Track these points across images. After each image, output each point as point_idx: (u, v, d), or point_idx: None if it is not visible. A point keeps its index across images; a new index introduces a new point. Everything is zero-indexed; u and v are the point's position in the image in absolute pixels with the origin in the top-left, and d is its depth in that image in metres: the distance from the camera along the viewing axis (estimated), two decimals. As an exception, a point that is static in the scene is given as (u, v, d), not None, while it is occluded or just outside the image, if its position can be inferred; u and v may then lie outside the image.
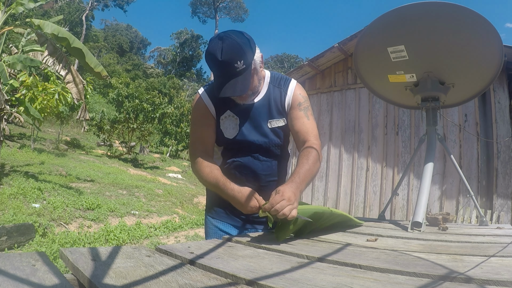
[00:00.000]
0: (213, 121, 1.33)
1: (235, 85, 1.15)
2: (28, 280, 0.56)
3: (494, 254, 0.88)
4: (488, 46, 1.65)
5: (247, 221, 1.41)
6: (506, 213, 4.36)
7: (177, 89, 32.65)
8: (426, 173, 1.69)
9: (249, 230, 1.40)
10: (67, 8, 32.95)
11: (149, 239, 5.06)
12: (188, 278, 0.63)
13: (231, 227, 1.41)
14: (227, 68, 1.12)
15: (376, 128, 5.62)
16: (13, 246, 3.87)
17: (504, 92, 4.60)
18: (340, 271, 0.71)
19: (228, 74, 1.14)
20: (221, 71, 1.14)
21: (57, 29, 5.59)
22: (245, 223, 1.41)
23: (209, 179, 1.23)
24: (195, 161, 1.29)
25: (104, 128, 14.24)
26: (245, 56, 1.14)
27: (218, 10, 42.74)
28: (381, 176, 5.45)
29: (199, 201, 9.04)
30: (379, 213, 2.30)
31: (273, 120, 1.33)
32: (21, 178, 6.24)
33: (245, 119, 1.32)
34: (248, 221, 1.41)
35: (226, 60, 1.11)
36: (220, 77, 1.16)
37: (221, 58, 1.11)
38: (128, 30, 50.44)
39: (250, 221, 1.41)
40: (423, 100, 1.85)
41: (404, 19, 1.69)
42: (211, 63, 1.14)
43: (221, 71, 1.14)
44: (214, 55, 1.11)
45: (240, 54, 1.12)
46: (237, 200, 1.14)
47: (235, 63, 1.12)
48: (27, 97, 7.15)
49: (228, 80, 1.14)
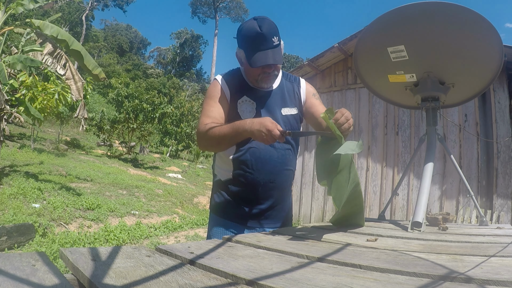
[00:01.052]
0: (226, 104, 1.40)
1: (274, 55, 1.29)
2: (28, 280, 0.56)
3: (494, 254, 0.88)
4: (488, 46, 1.65)
5: (254, 220, 1.42)
6: (506, 213, 4.36)
7: (177, 89, 32.64)
8: (426, 173, 1.68)
9: (256, 230, 1.40)
10: (67, 8, 32.93)
11: (149, 239, 5.06)
12: (188, 278, 0.63)
13: (238, 226, 1.41)
14: (267, 40, 1.27)
15: (376, 128, 5.62)
16: (13, 246, 3.87)
17: (504, 92, 4.60)
18: (340, 271, 0.71)
19: (266, 46, 1.28)
20: (262, 42, 1.27)
21: (56, 30, 5.60)
22: (252, 222, 1.42)
23: (221, 129, 1.25)
24: (201, 128, 1.31)
25: (104, 128, 14.23)
26: (278, 34, 1.31)
27: (218, 10, 42.72)
28: (381, 176, 5.45)
29: (199, 201, 9.03)
30: (379, 213, 2.30)
31: (286, 108, 1.45)
32: (21, 178, 6.24)
33: (262, 105, 1.41)
34: (256, 220, 1.42)
35: (265, 32, 1.26)
36: (258, 49, 1.29)
37: (261, 30, 1.26)
38: (128, 30, 50.42)
39: (257, 220, 1.43)
40: (423, 100, 1.85)
41: (404, 19, 1.69)
42: (252, 36, 1.28)
43: (262, 42, 1.27)
44: (255, 29, 1.27)
45: (275, 30, 1.30)
46: (260, 124, 1.15)
47: (272, 37, 1.28)
48: (27, 97, 7.15)
49: (266, 50, 1.28)
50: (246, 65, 1.40)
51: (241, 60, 1.42)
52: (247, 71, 1.42)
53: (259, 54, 1.29)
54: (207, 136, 1.28)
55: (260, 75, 1.38)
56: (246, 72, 1.44)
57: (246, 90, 1.42)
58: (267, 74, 1.37)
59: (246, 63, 1.37)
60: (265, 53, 1.29)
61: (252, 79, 1.42)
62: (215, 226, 1.45)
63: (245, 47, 1.34)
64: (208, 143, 1.30)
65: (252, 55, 1.30)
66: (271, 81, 1.41)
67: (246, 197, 1.41)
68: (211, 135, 1.27)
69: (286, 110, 1.45)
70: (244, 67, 1.44)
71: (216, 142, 1.27)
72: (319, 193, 6.07)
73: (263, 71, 1.36)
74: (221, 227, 1.42)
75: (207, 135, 1.28)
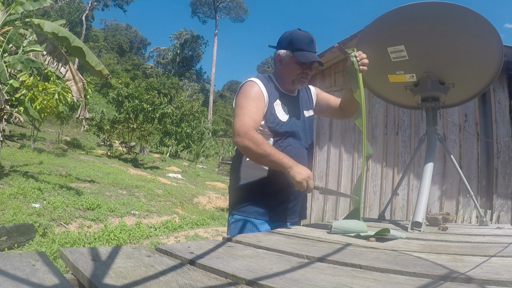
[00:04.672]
0: (264, 106, 1.51)
1: (318, 58, 1.54)
2: (28, 280, 0.56)
3: (494, 254, 0.88)
4: (488, 46, 1.65)
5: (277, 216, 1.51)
6: (506, 213, 4.36)
7: (176, 89, 32.64)
8: (426, 173, 1.68)
9: (281, 225, 1.51)
10: (67, 8, 32.93)
11: (149, 239, 5.06)
12: (188, 278, 0.63)
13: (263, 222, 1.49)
14: (314, 44, 1.54)
15: (376, 128, 5.61)
16: (13, 246, 3.87)
17: (504, 92, 4.59)
18: (340, 271, 0.71)
19: (313, 49, 1.54)
20: (310, 45, 1.53)
21: (57, 28, 5.58)
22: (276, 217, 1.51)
23: (272, 150, 1.38)
24: (247, 131, 1.39)
25: (104, 128, 14.23)
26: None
27: (218, 10, 42.67)
28: (381, 176, 5.45)
29: (199, 201, 9.03)
30: (379, 213, 2.30)
31: (306, 111, 1.68)
32: (21, 178, 6.24)
33: (291, 108, 1.60)
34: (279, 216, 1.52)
35: (314, 40, 1.55)
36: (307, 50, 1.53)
37: (313, 38, 1.54)
38: (128, 30, 50.43)
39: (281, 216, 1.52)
40: (423, 100, 1.85)
41: (404, 19, 1.69)
42: (303, 38, 1.52)
43: (310, 45, 1.53)
44: (305, 34, 1.53)
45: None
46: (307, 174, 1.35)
47: (315, 45, 1.55)
48: (27, 97, 7.15)
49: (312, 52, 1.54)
50: (287, 66, 1.56)
51: (284, 60, 1.56)
52: (288, 71, 1.57)
53: (307, 53, 1.51)
54: (259, 143, 1.37)
55: (299, 76, 1.55)
56: (285, 73, 1.58)
57: (278, 95, 1.57)
58: (305, 75, 1.56)
59: (290, 62, 1.54)
60: (311, 53, 1.53)
61: (289, 80, 1.58)
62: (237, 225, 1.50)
63: (294, 47, 1.52)
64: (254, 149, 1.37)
65: (300, 53, 1.51)
66: (304, 83, 1.60)
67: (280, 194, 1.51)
68: (262, 147, 1.37)
69: (306, 113, 1.68)
70: (284, 68, 1.58)
71: (259, 156, 1.38)
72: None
73: (303, 72, 1.55)
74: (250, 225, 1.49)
75: (259, 143, 1.37)
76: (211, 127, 26.01)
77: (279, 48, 1.57)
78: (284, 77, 1.59)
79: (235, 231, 1.50)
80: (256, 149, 1.36)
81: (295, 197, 1.55)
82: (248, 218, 1.49)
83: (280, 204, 1.52)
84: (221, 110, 41.57)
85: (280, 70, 1.60)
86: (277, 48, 1.58)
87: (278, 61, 1.58)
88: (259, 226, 1.48)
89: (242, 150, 1.42)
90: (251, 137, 1.37)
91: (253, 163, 1.49)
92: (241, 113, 1.44)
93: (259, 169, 1.49)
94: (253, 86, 1.51)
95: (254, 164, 1.49)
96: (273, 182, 1.48)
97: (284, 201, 1.53)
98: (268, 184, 1.49)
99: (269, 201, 1.49)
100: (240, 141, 1.39)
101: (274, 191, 1.50)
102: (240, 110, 1.46)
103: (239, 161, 1.57)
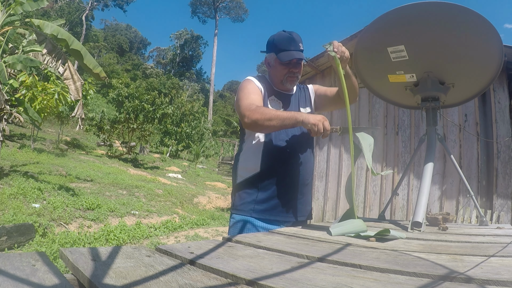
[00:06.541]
0: (261, 97, 1.56)
1: (300, 55, 1.56)
2: (28, 280, 0.56)
3: (494, 254, 0.88)
4: (488, 46, 1.65)
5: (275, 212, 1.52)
6: (506, 213, 4.36)
7: (177, 89, 32.64)
8: (426, 173, 1.68)
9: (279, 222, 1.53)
10: (67, 8, 32.93)
11: (149, 239, 5.06)
12: (188, 278, 0.63)
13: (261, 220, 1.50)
14: (298, 44, 1.55)
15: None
16: (13, 246, 3.87)
17: (504, 92, 4.59)
18: (340, 271, 0.71)
19: (295, 48, 1.55)
20: (291, 43, 1.54)
21: (56, 29, 5.59)
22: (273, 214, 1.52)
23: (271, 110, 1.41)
24: (250, 108, 1.44)
25: (104, 128, 14.24)
26: (302, 43, 1.58)
27: (218, 10, 42.67)
28: (381, 176, 5.45)
29: (199, 201, 9.04)
30: (379, 213, 2.30)
31: (303, 108, 1.71)
32: (21, 178, 6.24)
33: (286, 104, 1.65)
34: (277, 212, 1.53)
35: (295, 37, 1.55)
36: (292, 50, 1.55)
37: (291, 35, 1.55)
38: (128, 30, 50.41)
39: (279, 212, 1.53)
40: (423, 100, 1.85)
41: (404, 19, 1.69)
42: (284, 38, 1.55)
43: (291, 43, 1.54)
44: (286, 34, 1.56)
45: (301, 39, 1.58)
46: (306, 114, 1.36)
47: (299, 43, 1.56)
48: (27, 97, 7.14)
49: (294, 51, 1.55)
50: (274, 68, 1.61)
51: (271, 63, 1.62)
52: (275, 72, 1.62)
53: (288, 52, 1.54)
54: (261, 110, 1.40)
55: (286, 75, 1.59)
56: (273, 74, 1.64)
57: (273, 92, 1.63)
58: (292, 74, 1.59)
59: (275, 64, 1.59)
60: (291, 52, 1.54)
61: (278, 80, 1.62)
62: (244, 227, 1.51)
63: (277, 49, 1.56)
64: (262, 117, 1.39)
65: (282, 53, 1.55)
66: (294, 82, 1.63)
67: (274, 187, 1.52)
68: (266, 111, 1.40)
69: (303, 109, 1.71)
70: (272, 70, 1.64)
71: (269, 120, 1.38)
72: (319, 193, 6.07)
73: (290, 71, 1.58)
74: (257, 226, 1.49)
75: (262, 109, 1.41)
76: (211, 127, 26.02)
77: (267, 52, 1.64)
78: (274, 79, 1.65)
79: (235, 231, 1.51)
80: (265, 117, 1.38)
81: (293, 191, 1.56)
82: (247, 217, 1.50)
83: (275, 198, 1.52)
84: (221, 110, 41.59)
85: (270, 72, 1.67)
86: (266, 52, 1.64)
87: (267, 65, 1.66)
88: (257, 225, 1.49)
89: (254, 127, 1.44)
90: (255, 110, 1.41)
91: (248, 160, 1.55)
92: (243, 97, 1.51)
93: (253, 166, 1.54)
94: (249, 82, 1.59)
95: (248, 161, 1.55)
96: (267, 177, 1.52)
97: (280, 195, 1.53)
98: (262, 178, 1.52)
99: (264, 196, 1.51)
100: (248, 120, 1.42)
101: (268, 185, 1.52)
102: (241, 100, 1.52)
103: (236, 160, 1.63)
